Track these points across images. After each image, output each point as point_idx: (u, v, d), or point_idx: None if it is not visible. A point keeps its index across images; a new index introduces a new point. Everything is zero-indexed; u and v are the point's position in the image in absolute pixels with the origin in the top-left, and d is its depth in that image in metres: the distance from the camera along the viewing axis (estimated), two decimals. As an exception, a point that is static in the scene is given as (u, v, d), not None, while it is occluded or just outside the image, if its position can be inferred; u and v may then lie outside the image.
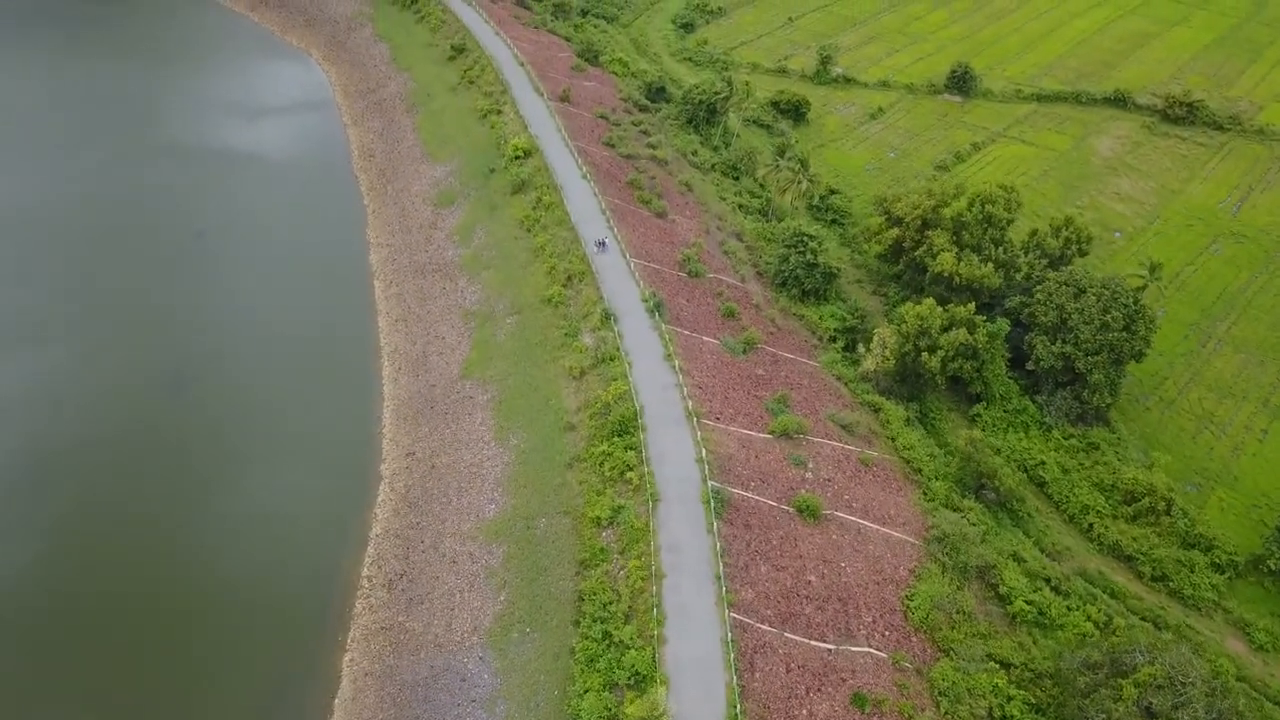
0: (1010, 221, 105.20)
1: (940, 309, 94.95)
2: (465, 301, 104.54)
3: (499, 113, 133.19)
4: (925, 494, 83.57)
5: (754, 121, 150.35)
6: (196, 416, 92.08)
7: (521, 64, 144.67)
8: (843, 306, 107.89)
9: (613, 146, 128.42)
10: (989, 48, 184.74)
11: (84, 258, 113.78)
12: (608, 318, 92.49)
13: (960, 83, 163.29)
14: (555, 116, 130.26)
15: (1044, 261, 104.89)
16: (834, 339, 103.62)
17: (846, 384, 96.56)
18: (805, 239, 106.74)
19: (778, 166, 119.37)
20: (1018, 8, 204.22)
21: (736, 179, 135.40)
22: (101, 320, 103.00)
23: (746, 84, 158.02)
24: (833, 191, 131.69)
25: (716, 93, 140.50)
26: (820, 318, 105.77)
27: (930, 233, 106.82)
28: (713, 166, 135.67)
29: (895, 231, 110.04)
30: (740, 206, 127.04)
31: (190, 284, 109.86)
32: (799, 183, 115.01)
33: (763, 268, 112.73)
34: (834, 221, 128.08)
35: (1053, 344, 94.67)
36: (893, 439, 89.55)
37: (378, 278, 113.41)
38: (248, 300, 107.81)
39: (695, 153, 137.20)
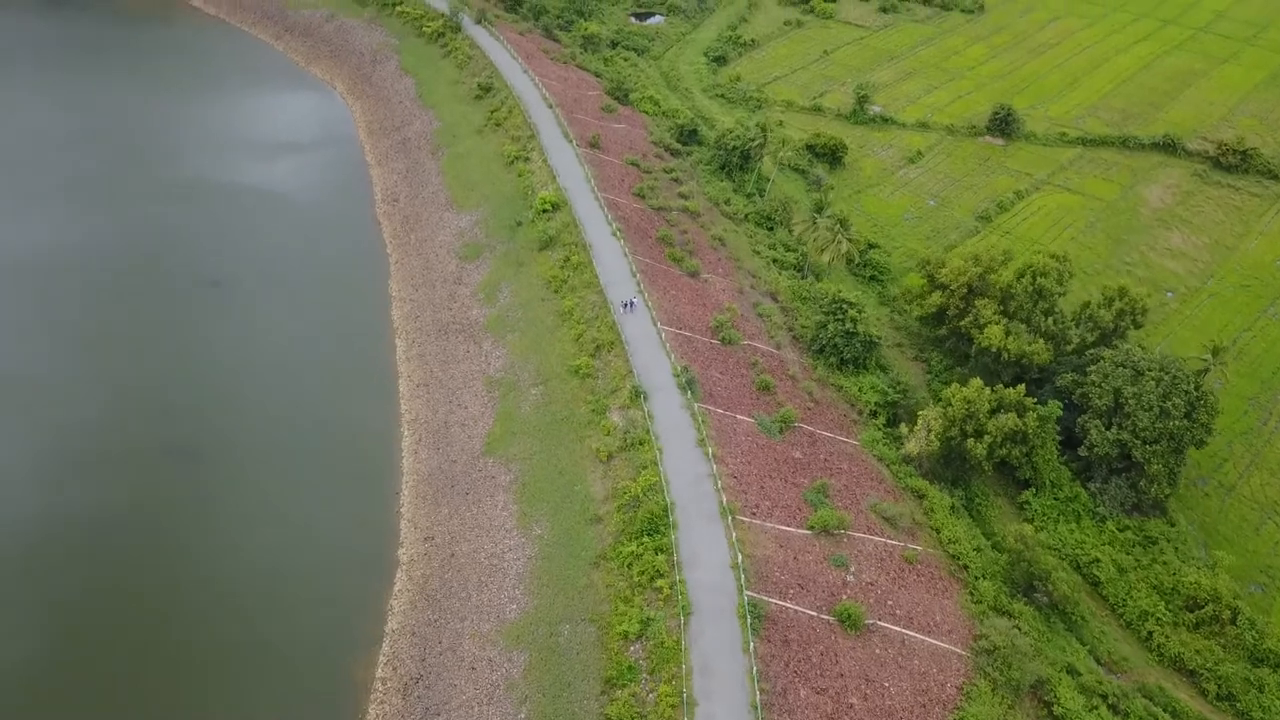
0: (1062, 294, 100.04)
1: (988, 389, 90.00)
2: (489, 367, 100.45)
3: (526, 159, 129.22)
4: (972, 595, 78.69)
5: (789, 165, 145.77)
6: (205, 487, 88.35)
7: (550, 105, 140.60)
8: (883, 378, 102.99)
9: (643, 198, 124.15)
10: (1030, 85, 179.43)
11: (93, 306, 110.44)
12: (637, 395, 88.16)
13: (1002, 125, 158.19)
14: (584, 165, 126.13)
15: (1095, 333, 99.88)
16: (874, 414, 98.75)
17: (888, 465, 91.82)
18: (844, 306, 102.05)
19: (815, 224, 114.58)
20: (1059, 42, 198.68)
21: (771, 229, 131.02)
22: (107, 378, 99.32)
23: (780, 124, 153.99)
24: (871, 246, 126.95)
25: (750, 139, 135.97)
26: (860, 389, 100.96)
27: (976, 301, 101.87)
28: (746, 216, 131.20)
29: (939, 297, 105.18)
30: (775, 261, 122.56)
31: (204, 341, 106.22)
32: (838, 243, 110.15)
33: (799, 332, 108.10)
34: (872, 278, 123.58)
35: (1107, 429, 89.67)
36: (937, 530, 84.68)
37: (400, 336, 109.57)
38: (265, 358, 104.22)
39: (728, 201, 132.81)
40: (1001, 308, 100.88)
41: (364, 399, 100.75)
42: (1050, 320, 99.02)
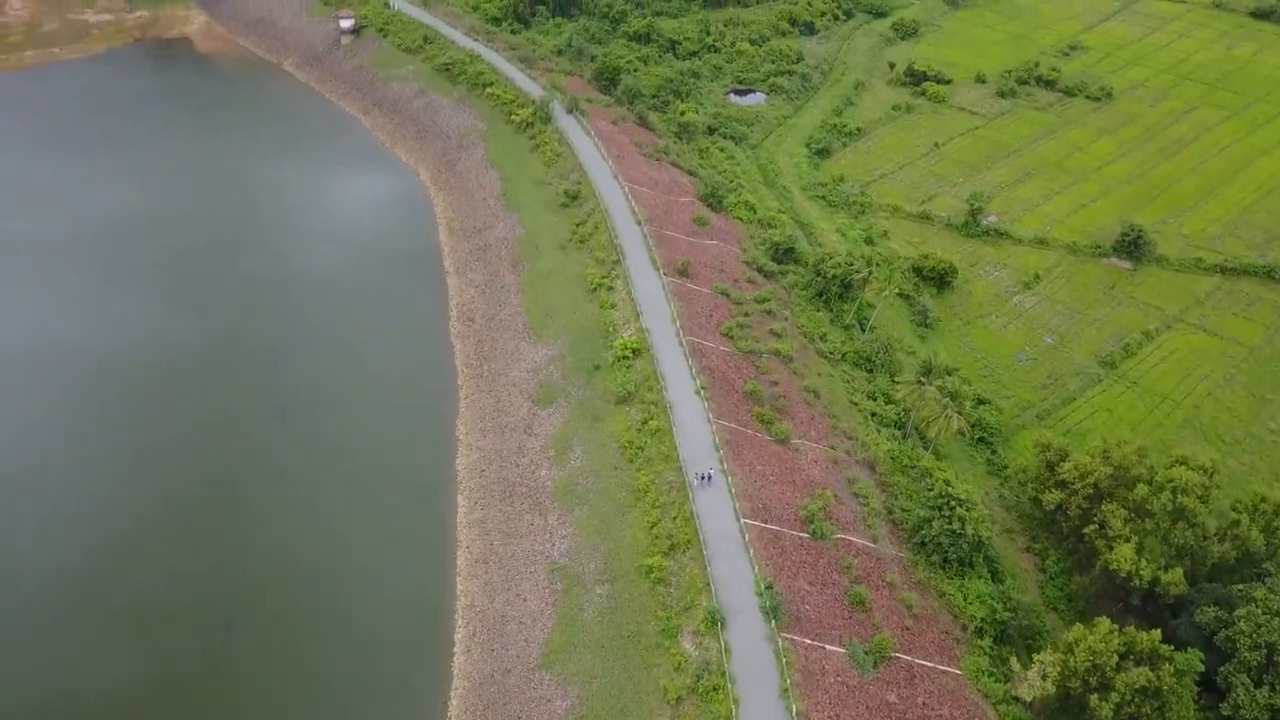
0: (1207, 511, 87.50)
1: (1116, 631, 78.36)
2: (554, 549, 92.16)
3: (610, 288, 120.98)
4: None
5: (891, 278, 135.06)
6: (240, 663, 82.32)
7: (639, 222, 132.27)
8: (992, 587, 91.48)
9: (732, 338, 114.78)
10: (1162, 192, 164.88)
11: (152, 422, 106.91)
12: (714, 621, 78.71)
13: (1130, 246, 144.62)
14: (670, 299, 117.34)
15: (1238, 551, 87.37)
16: (980, 632, 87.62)
17: (994, 705, 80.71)
18: (951, 503, 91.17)
19: (921, 391, 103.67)
20: (1195, 139, 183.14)
21: (870, 370, 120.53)
22: (148, 518, 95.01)
23: (885, 235, 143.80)
24: (980, 402, 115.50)
25: (853, 270, 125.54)
26: (965, 597, 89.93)
27: (1104, 506, 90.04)
28: (844, 356, 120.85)
29: (1059, 495, 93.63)
30: (874, 415, 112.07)
31: (258, 483, 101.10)
32: (947, 418, 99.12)
33: (898, 515, 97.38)
34: (981, 439, 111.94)
35: (1257, 687, 77.09)
36: (1051, 803, 73.38)
37: (463, 492, 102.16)
38: (316, 509, 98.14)
39: (824, 336, 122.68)
40: (1133, 514, 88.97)
41: (420, 572, 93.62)
42: (1190, 531, 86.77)
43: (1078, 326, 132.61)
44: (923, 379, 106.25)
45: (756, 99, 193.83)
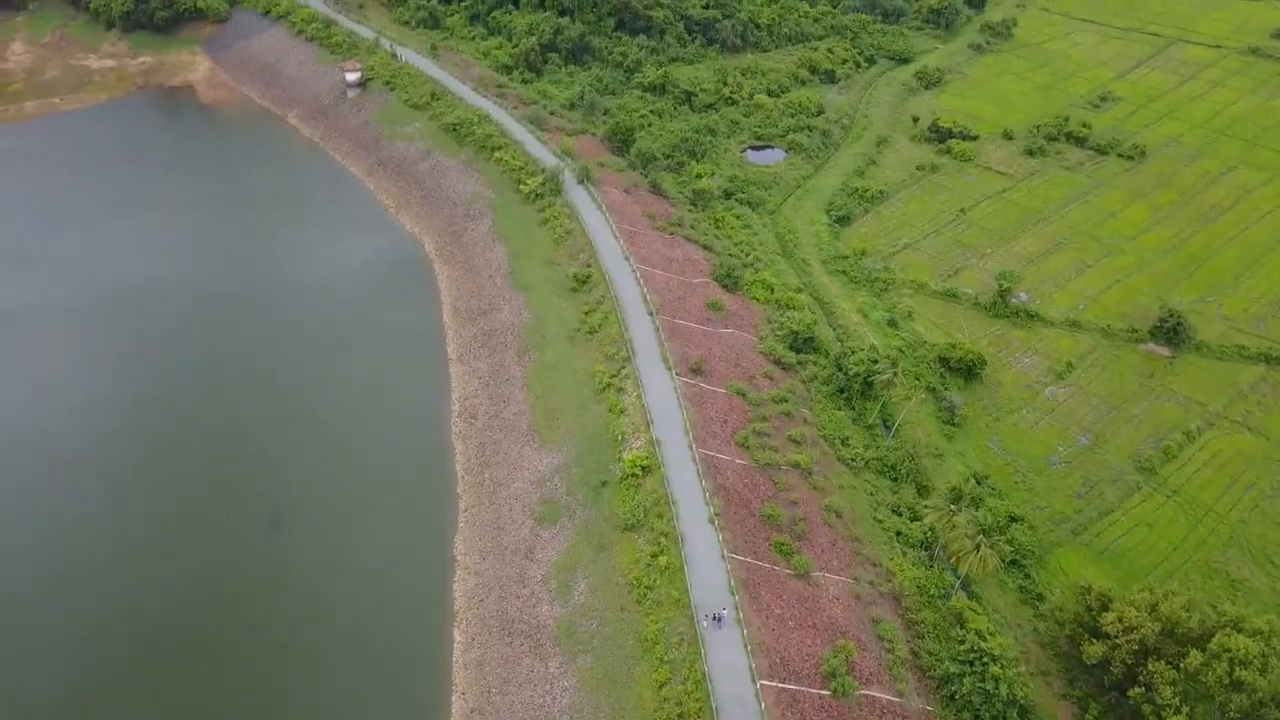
0: (1266, 682, 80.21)
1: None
2: (554, 704, 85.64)
3: (620, 390, 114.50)
4: None
5: (916, 379, 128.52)
6: None
7: (650, 312, 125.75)
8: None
9: (748, 449, 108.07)
10: (1200, 266, 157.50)
11: (120, 522, 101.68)
12: (728, 814, 72.06)
13: (1169, 332, 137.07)
14: (683, 404, 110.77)
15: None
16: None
17: None
18: (985, 659, 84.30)
19: (951, 519, 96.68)
20: (1234, 203, 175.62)
21: (895, 480, 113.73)
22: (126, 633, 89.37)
23: (909, 316, 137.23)
24: (1013, 519, 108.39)
25: (875, 369, 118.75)
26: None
27: (1151, 665, 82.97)
28: (867, 464, 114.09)
29: (1101, 649, 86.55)
30: (899, 534, 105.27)
31: (246, 608, 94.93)
32: (982, 557, 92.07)
33: (925, 660, 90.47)
34: (1013, 562, 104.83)
35: None
36: None
37: (459, 626, 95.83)
38: (301, 640, 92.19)
39: (846, 441, 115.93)
40: (1181, 676, 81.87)
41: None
42: (1247, 700, 79.63)
43: (1114, 424, 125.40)
44: (953, 506, 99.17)
45: (775, 156, 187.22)
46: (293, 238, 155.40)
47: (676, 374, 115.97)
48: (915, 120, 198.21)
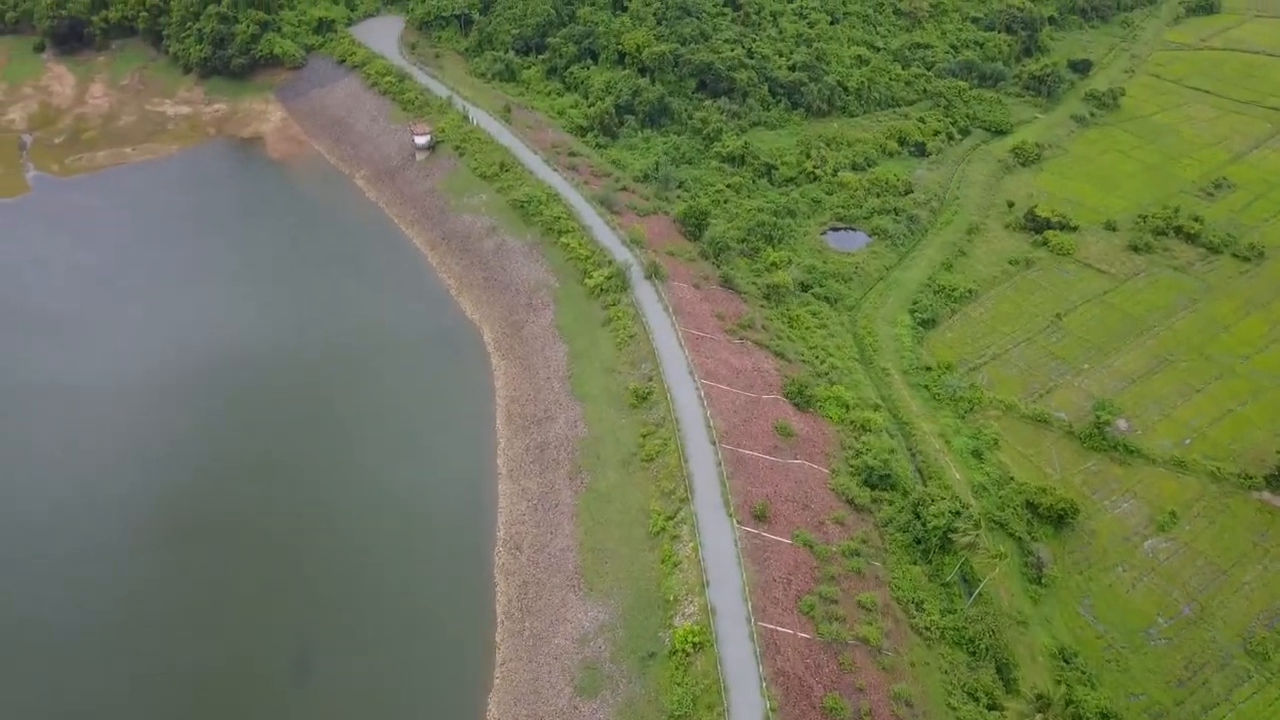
0: None
1: None
2: None
3: (675, 537, 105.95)
4: None
5: (1001, 525, 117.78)
6: None
7: (713, 441, 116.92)
8: None
9: (813, 618, 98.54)
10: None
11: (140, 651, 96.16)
12: None
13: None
14: (743, 562, 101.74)
15: None
16: None
17: None
18: None
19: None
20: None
21: (973, 654, 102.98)
22: None
23: (995, 444, 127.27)
24: (1105, 717, 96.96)
25: (956, 524, 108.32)
26: None
27: None
28: (942, 633, 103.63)
29: None
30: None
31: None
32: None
33: None
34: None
35: None
36: None
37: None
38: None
39: (921, 604, 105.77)
40: None
41: None
42: None
43: (1222, 592, 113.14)
44: (1040, 713, 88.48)
45: (857, 240, 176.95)
46: (348, 317, 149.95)
47: (738, 520, 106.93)
48: (1010, 205, 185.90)
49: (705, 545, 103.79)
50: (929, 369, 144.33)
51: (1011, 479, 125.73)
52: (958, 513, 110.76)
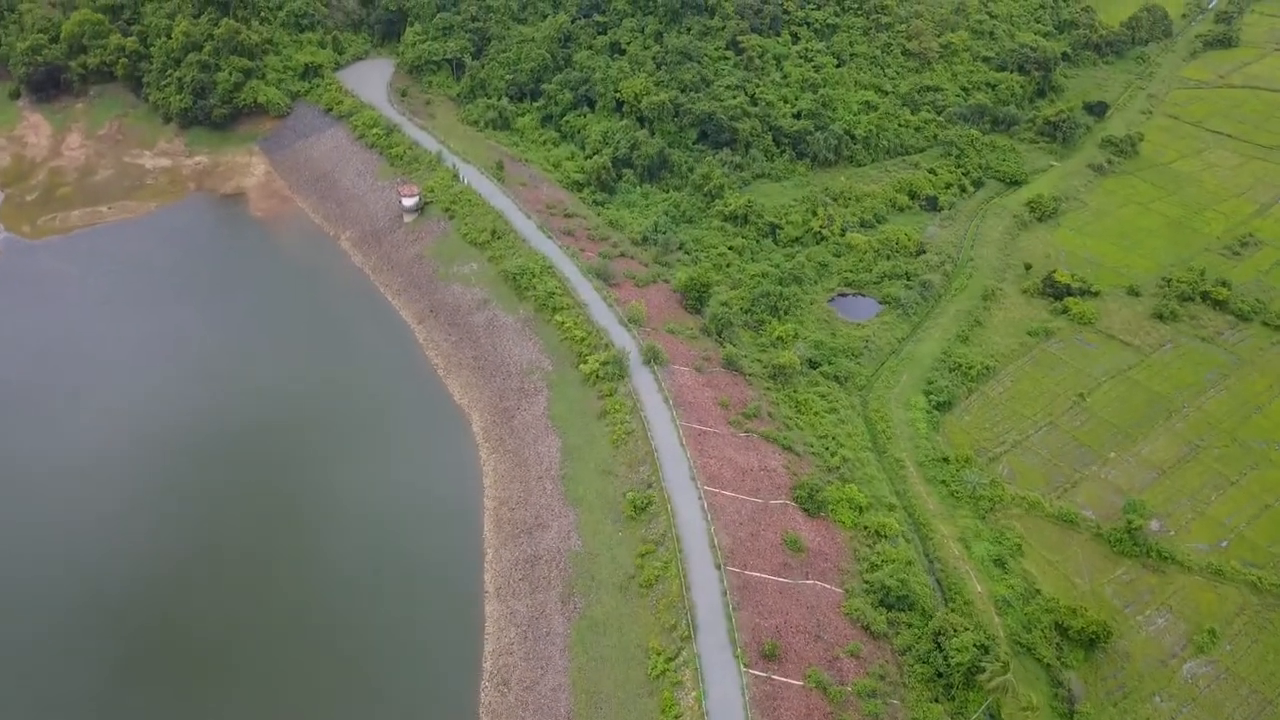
0: None
1: None
2: None
3: (677, 683, 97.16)
4: None
5: (1028, 649, 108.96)
6: None
7: (718, 564, 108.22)
8: None
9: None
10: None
11: None
12: None
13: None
14: (750, 715, 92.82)
15: None
16: None
17: None
18: None
19: None
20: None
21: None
22: None
23: (1019, 548, 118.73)
24: None
25: (982, 661, 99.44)
26: None
27: None
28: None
29: None
30: None
31: None
32: None
33: None
34: None
35: None
36: None
37: None
38: None
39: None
40: None
41: None
42: None
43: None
44: None
45: (867, 308, 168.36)
46: (328, 400, 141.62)
47: (745, 665, 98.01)
48: (1028, 268, 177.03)
49: (710, 694, 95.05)
50: (946, 460, 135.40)
51: (1038, 591, 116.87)
52: (984, 648, 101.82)
